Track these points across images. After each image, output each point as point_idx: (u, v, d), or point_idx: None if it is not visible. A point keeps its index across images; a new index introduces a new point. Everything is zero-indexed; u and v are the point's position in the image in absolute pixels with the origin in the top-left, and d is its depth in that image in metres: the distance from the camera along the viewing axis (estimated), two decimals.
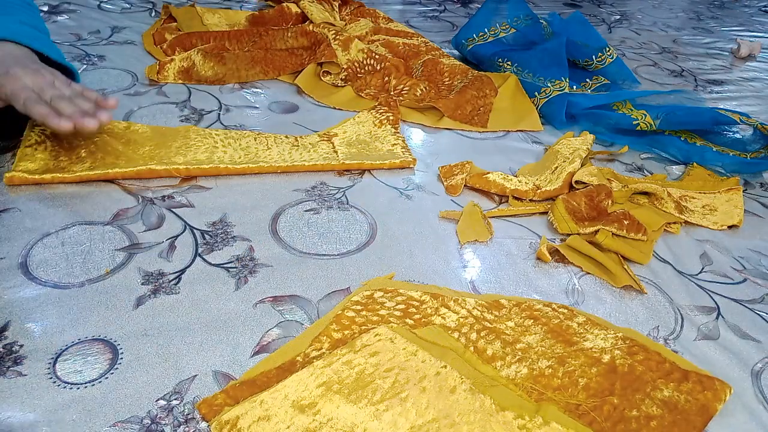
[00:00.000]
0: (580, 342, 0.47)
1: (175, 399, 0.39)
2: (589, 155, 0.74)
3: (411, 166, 0.68)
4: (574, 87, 0.91)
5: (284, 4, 1.01)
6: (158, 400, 0.38)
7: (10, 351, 0.40)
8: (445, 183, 0.67)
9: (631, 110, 0.82)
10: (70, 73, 0.68)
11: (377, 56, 0.88)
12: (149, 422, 0.37)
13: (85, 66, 0.80)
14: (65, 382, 0.38)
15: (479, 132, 0.80)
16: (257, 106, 0.77)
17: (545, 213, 0.64)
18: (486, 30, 1.01)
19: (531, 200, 0.65)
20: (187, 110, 0.73)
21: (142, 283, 0.47)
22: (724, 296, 0.56)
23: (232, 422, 0.37)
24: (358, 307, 0.47)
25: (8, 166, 0.57)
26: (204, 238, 0.53)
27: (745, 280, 0.59)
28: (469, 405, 0.39)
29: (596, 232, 0.59)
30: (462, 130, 0.80)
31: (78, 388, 0.38)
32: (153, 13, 1.02)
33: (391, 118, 0.76)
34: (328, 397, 0.39)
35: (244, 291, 0.48)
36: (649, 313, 0.52)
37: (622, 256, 0.57)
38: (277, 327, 0.45)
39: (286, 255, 0.52)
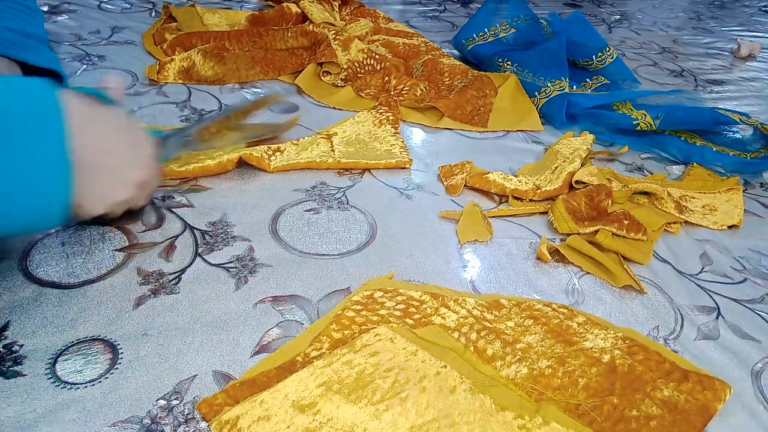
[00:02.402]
0: (580, 342, 0.47)
1: (175, 399, 0.39)
2: (589, 155, 0.74)
3: (407, 166, 0.68)
4: (574, 87, 0.91)
5: (284, 4, 1.01)
6: (158, 400, 0.38)
7: (10, 351, 0.40)
8: (445, 183, 0.67)
9: (631, 110, 0.82)
10: (58, 76, 0.69)
11: (377, 56, 0.88)
12: (149, 422, 0.37)
13: (85, 66, 0.80)
14: (65, 382, 0.38)
15: (479, 132, 0.80)
16: None
17: (545, 213, 0.63)
18: (486, 30, 1.01)
19: (531, 200, 0.65)
20: (187, 110, 0.73)
21: (142, 283, 0.47)
22: (724, 296, 0.56)
23: (232, 422, 0.37)
24: (358, 307, 0.47)
25: None
26: (204, 238, 0.53)
27: (745, 280, 0.59)
28: (469, 405, 0.39)
29: (596, 232, 0.59)
30: (462, 130, 0.80)
31: (78, 388, 0.38)
32: (153, 13, 1.02)
33: (391, 118, 0.76)
34: (328, 396, 0.39)
35: (244, 291, 0.48)
36: (649, 313, 0.52)
37: (622, 256, 0.57)
38: (277, 327, 0.45)
39: (286, 255, 0.52)
